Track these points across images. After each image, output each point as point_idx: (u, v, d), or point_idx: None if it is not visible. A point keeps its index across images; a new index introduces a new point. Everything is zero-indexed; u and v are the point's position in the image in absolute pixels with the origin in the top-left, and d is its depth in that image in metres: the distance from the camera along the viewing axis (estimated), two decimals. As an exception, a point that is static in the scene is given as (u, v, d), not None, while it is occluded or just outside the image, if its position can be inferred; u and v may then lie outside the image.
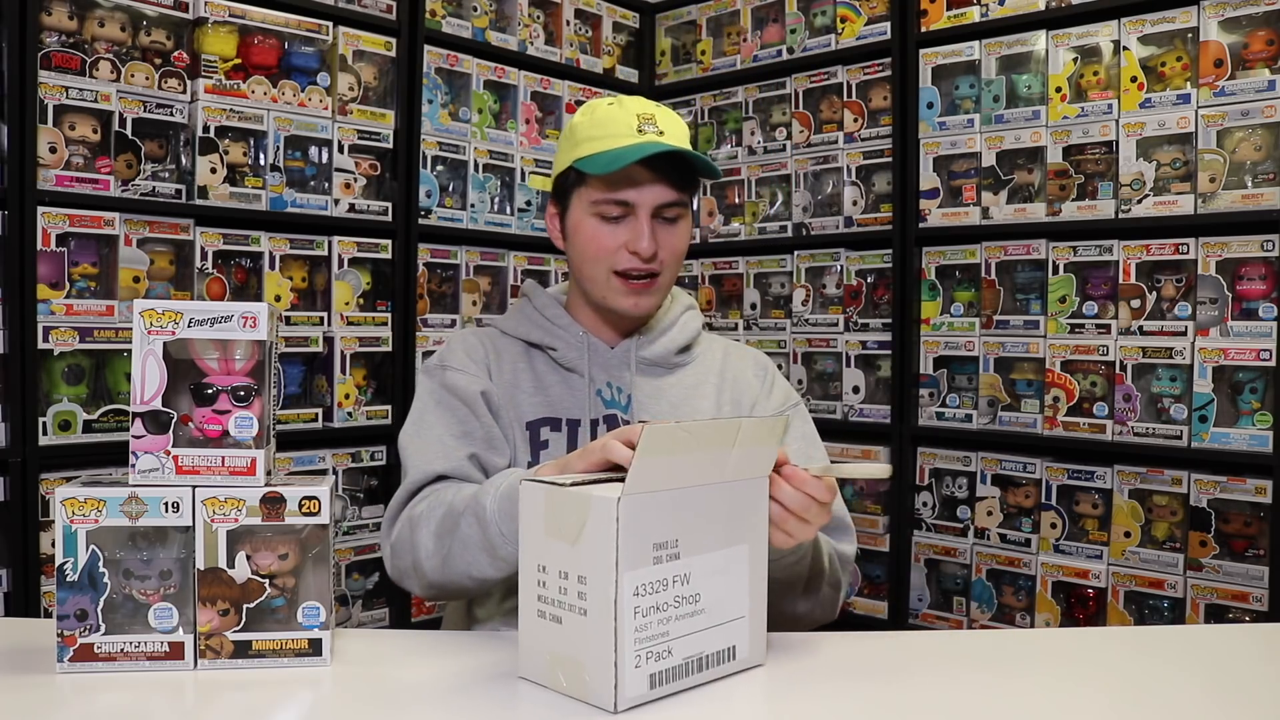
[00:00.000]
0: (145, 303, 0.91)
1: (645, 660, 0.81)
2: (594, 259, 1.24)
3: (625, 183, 1.21)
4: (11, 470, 1.87)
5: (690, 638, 0.85)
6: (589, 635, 0.81)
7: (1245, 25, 2.06)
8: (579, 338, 1.29)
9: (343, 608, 2.36)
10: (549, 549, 0.84)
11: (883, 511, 2.59)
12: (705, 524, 0.86)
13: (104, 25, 1.98)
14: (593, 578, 0.80)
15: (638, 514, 0.80)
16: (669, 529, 0.83)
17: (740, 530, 0.90)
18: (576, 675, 0.82)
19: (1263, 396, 2.04)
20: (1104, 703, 0.87)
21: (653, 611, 0.81)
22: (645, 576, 0.81)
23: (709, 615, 0.87)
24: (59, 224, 1.91)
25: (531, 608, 0.86)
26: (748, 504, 0.91)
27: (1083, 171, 2.26)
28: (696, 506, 0.85)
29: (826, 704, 0.85)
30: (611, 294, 1.25)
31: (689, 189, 1.26)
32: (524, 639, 0.88)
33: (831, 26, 2.68)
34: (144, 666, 0.89)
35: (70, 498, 0.88)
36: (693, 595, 0.85)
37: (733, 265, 2.89)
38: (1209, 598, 2.07)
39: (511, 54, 2.68)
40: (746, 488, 0.91)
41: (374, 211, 2.40)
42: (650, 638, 0.81)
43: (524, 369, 1.30)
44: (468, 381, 1.26)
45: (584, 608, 0.81)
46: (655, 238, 1.22)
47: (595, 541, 0.80)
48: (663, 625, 0.82)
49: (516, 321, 1.34)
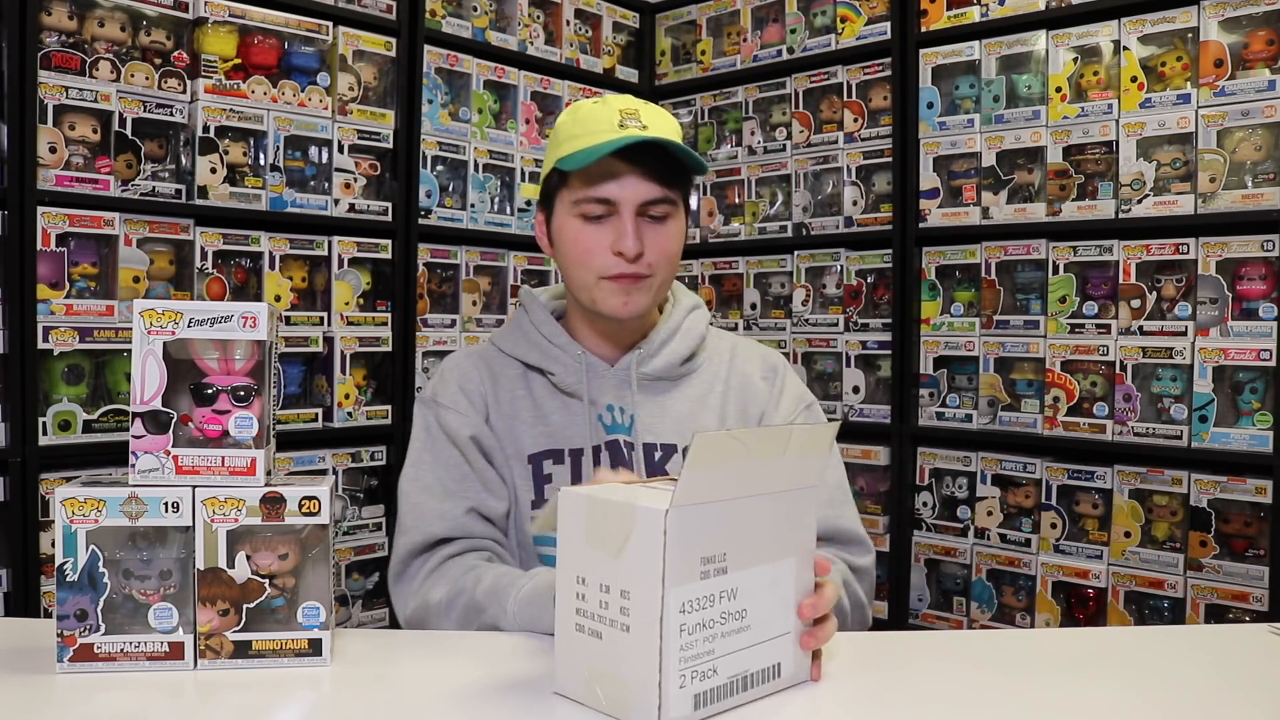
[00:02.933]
0: (145, 303, 0.90)
1: (690, 680, 0.77)
2: (580, 263, 1.18)
3: (606, 178, 1.14)
4: (11, 470, 1.87)
5: (736, 655, 0.81)
6: (631, 652, 0.77)
7: (1245, 25, 2.06)
8: (577, 358, 1.24)
9: (343, 608, 2.36)
10: (590, 559, 0.80)
11: (883, 511, 2.59)
12: (753, 536, 0.82)
13: (104, 25, 1.98)
14: (637, 593, 0.76)
15: (686, 527, 0.76)
16: (717, 542, 0.79)
17: (788, 543, 0.86)
18: (617, 693, 0.79)
19: (1263, 396, 2.03)
20: (1105, 703, 0.87)
21: (699, 629, 0.77)
22: (692, 592, 0.77)
23: (755, 632, 0.82)
24: (59, 224, 1.91)
25: (569, 621, 0.82)
26: (796, 515, 0.87)
27: (1083, 171, 2.26)
28: (745, 518, 0.81)
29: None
30: (601, 296, 1.19)
31: (677, 186, 1.19)
32: (560, 653, 0.84)
33: (831, 26, 2.68)
34: (144, 666, 0.89)
35: (70, 498, 0.88)
36: (739, 611, 0.81)
37: (733, 265, 2.89)
38: (1209, 598, 2.07)
39: (511, 54, 2.68)
40: (795, 499, 0.86)
41: (374, 211, 2.40)
42: (695, 656, 0.77)
43: (523, 396, 1.26)
44: (459, 424, 1.22)
45: (626, 623, 0.77)
46: (641, 237, 1.15)
47: (640, 555, 0.76)
48: (709, 643, 0.78)
49: (514, 340, 1.29)
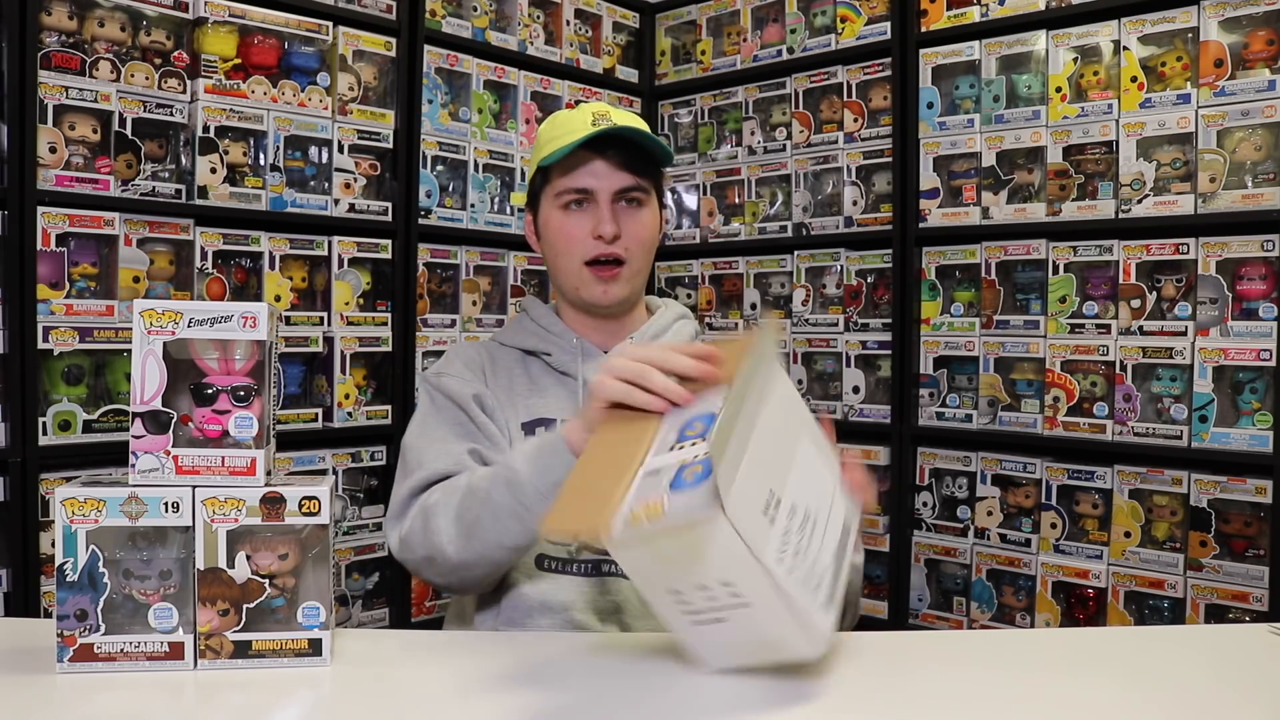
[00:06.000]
0: (145, 303, 0.90)
1: (814, 591, 0.81)
2: (563, 250, 1.30)
3: (583, 171, 1.27)
4: (11, 470, 1.87)
5: (821, 544, 0.85)
6: (765, 620, 0.80)
7: (1245, 25, 2.06)
8: (573, 344, 1.32)
9: (343, 608, 2.36)
10: (670, 572, 0.80)
11: (883, 511, 2.59)
12: (777, 452, 0.85)
13: (104, 25, 1.98)
14: (739, 580, 0.77)
15: (741, 505, 0.75)
16: (761, 486, 0.79)
17: (797, 429, 0.90)
18: (774, 646, 0.82)
19: (1263, 396, 2.03)
20: (1105, 703, 0.87)
21: (795, 556, 0.80)
22: (774, 540, 0.78)
23: (818, 518, 0.86)
24: (59, 224, 1.91)
25: (683, 622, 0.84)
26: (788, 402, 0.91)
27: (1083, 171, 2.26)
28: (765, 444, 0.83)
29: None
30: (583, 285, 1.30)
31: (647, 175, 1.30)
32: (692, 645, 0.87)
33: (831, 26, 2.68)
34: (144, 666, 0.89)
35: (70, 498, 0.88)
36: (804, 513, 0.84)
37: (733, 265, 2.89)
38: (1209, 598, 2.07)
39: (511, 54, 2.68)
40: (781, 388, 0.90)
41: (374, 211, 2.40)
42: (806, 575, 0.81)
43: (520, 374, 1.33)
44: (461, 385, 1.29)
45: (744, 602, 0.79)
46: (617, 221, 1.27)
47: (722, 554, 0.75)
48: (805, 555, 0.82)
49: (513, 332, 1.38)
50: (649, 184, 1.31)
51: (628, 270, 1.30)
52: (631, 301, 1.35)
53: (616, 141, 1.26)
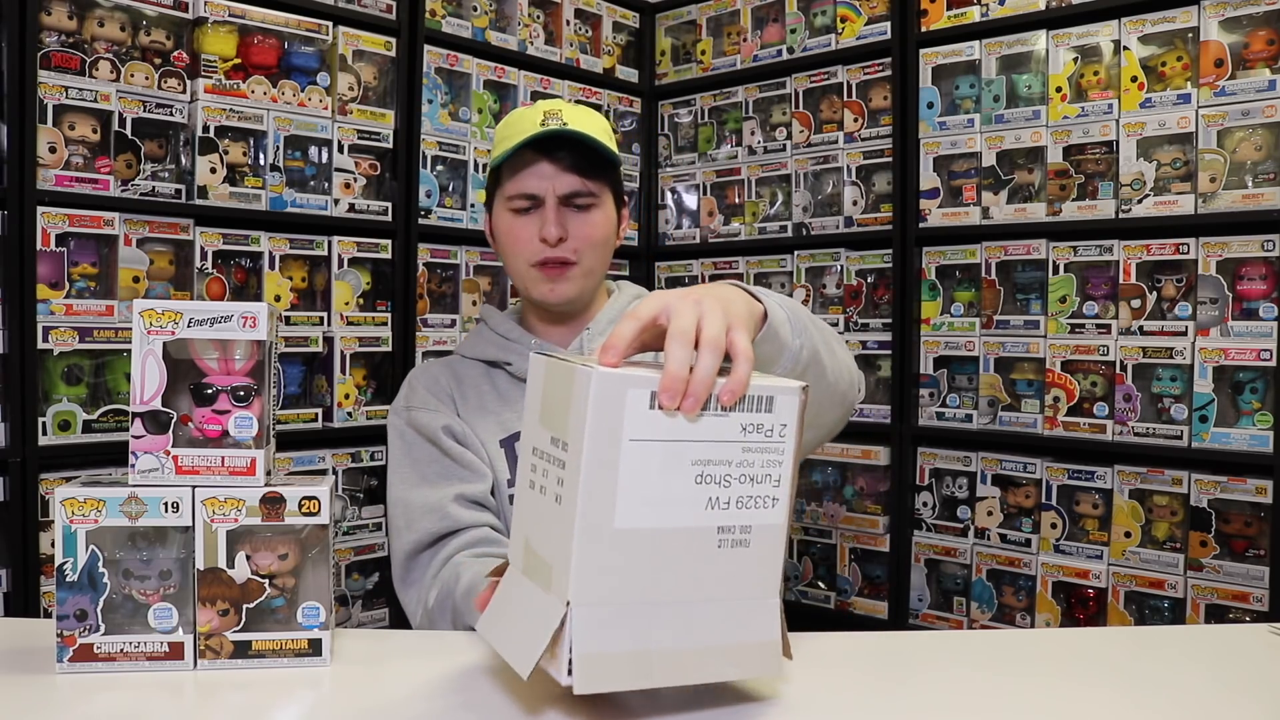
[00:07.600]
0: (145, 303, 0.90)
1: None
2: (512, 253, 1.30)
3: (529, 174, 1.26)
4: (11, 470, 1.87)
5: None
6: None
7: (1245, 25, 2.06)
8: (532, 347, 1.31)
9: (343, 608, 2.36)
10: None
11: (883, 511, 2.59)
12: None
13: (104, 25, 1.98)
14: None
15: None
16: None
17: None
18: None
19: (1263, 396, 2.03)
20: (1105, 703, 0.86)
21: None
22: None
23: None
24: (59, 224, 1.91)
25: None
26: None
27: (1083, 171, 2.26)
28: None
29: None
30: (532, 285, 1.29)
31: (597, 178, 1.28)
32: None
33: (831, 26, 2.68)
34: (144, 667, 0.89)
35: (70, 498, 0.88)
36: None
37: (733, 265, 2.89)
38: (1209, 598, 2.07)
39: (511, 54, 2.68)
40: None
41: (374, 211, 2.40)
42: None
43: (487, 388, 1.32)
44: (430, 418, 1.28)
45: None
46: (563, 225, 1.25)
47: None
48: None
49: (474, 344, 1.38)
50: (598, 186, 1.29)
51: (578, 270, 1.28)
52: (585, 300, 1.34)
53: (567, 142, 1.24)
